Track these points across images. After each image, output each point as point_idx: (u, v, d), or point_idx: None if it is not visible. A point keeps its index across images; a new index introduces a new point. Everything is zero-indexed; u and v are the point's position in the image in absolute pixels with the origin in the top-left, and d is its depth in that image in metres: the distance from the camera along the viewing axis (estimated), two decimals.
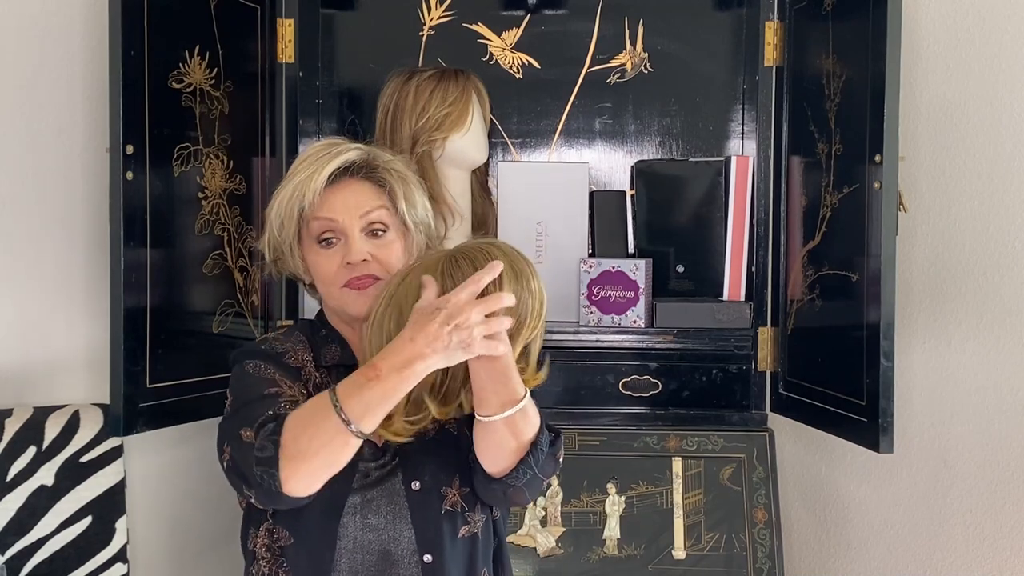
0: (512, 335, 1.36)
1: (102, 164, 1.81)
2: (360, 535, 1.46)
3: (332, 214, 1.49)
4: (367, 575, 1.46)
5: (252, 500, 1.39)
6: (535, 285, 1.40)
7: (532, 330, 1.40)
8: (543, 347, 1.45)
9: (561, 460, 1.51)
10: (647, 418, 2.13)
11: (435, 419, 1.44)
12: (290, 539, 1.46)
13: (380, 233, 1.51)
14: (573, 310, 2.11)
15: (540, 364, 1.44)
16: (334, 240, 1.50)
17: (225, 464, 1.41)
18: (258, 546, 1.49)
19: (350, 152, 1.51)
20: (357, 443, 1.33)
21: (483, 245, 1.42)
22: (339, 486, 1.42)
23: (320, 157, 1.51)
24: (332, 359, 1.53)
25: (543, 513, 2.06)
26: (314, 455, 1.31)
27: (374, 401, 1.30)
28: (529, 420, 1.40)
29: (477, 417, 1.40)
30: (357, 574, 1.46)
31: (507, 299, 1.33)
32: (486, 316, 1.31)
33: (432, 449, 1.48)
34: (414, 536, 1.46)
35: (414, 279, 1.40)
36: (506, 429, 1.39)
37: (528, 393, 1.40)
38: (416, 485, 1.47)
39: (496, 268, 1.35)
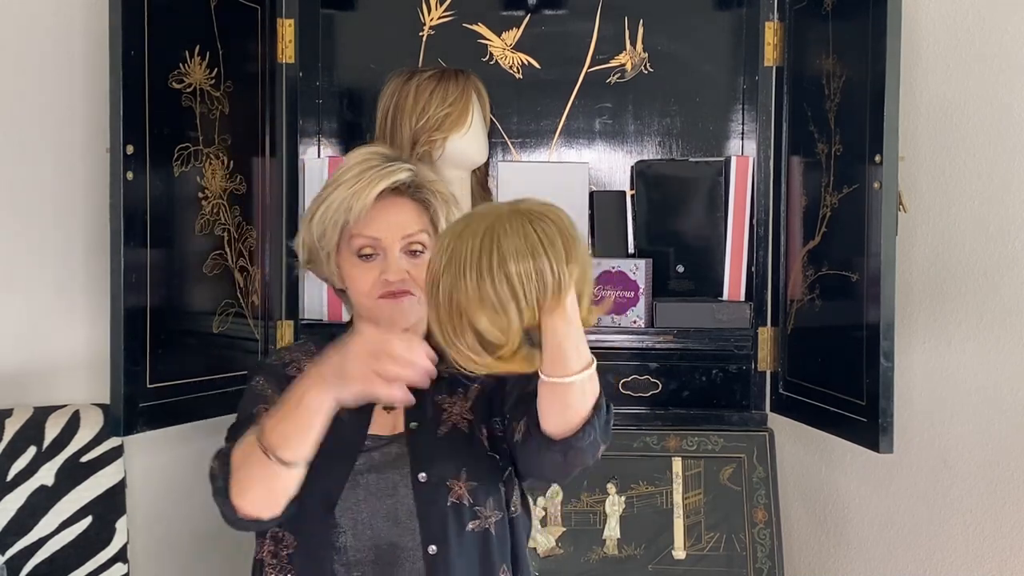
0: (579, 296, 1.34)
1: (102, 164, 1.81)
2: (366, 527, 1.46)
3: (376, 233, 1.50)
4: (375, 567, 1.46)
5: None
6: (582, 250, 1.35)
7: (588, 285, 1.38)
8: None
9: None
10: (647, 418, 2.13)
11: (457, 411, 1.49)
12: (295, 542, 1.46)
13: (418, 253, 1.52)
14: None
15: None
16: (374, 256, 1.51)
17: None
18: (265, 554, 1.49)
19: (401, 173, 1.51)
20: (290, 471, 1.33)
21: (537, 214, 1.30)
22: (335, 481, 1.44)
23: (367, 171, 1.50)
24: None
25: (543, 513, 2.06)
26: (253, 485, 1.33)
27: (289, 431, 1.30)
28: (596, 382, 1.39)
29: (548, 379, 1.34)
30: (365, 566, 1.46)
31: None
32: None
33: (441, 444, 1.48)
34: (418, 528, 1.46)
35: (468, 233, 1.29)
36: (579, 389, 1.35)
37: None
38: (423, 477, 1.47)
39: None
